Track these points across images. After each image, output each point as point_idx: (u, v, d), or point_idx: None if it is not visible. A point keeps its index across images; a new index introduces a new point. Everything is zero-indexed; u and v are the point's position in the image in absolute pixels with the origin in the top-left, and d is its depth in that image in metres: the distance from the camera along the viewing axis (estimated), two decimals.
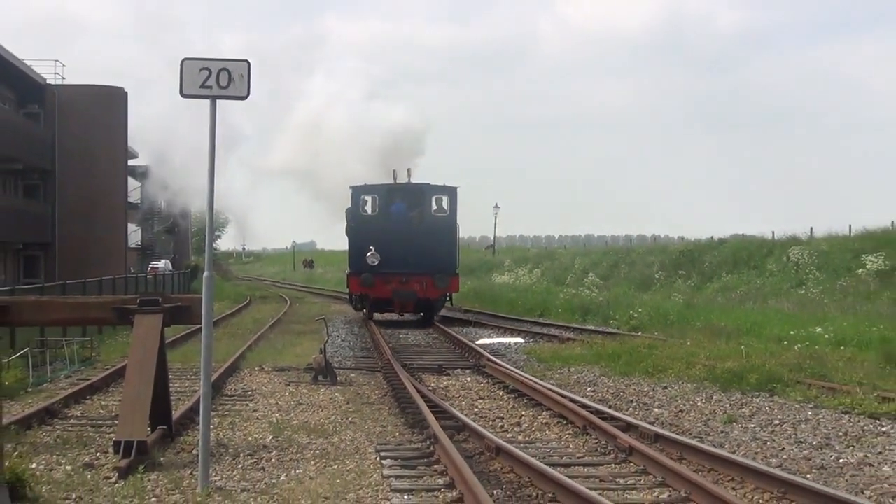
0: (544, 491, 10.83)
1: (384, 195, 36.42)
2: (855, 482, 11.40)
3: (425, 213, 36.02)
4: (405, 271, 34.51)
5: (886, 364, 20.28)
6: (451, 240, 36.54)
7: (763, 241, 52.87)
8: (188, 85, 11.06)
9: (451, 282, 35.26)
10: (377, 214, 36.40)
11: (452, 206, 36.59)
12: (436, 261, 34.78)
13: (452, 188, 36.72)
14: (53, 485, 10.96)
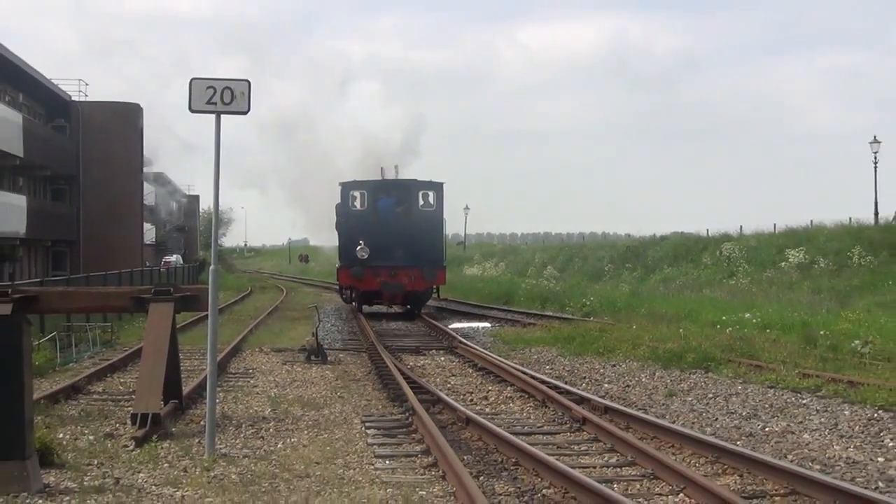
0: (508, 456, 10.84)
1: (373, 191, 33.61)
2: (779, 448, 11.46)
3: (413, 208, 33.18)
4: (394, 264, 31.70)
5: (806, 345, 20.38)
6: (438, 234, 33.76)
7: (699, 238, 53.10)
8: (196, 101, 11.03)
9: (438, 274, 32.61)
10: (366, 209, 33.30)
11: (439, 201, 33.71)
12: (423, 254, 32.13)
13: (439, 184, 33.88)
14: (78, 452, 10.93)
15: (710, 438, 11.41)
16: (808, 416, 13.46)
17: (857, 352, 19.13)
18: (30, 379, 9.55)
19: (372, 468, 10.33)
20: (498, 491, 9.43)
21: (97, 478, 9.77)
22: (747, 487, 9.49)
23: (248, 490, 9.28)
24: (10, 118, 46.21)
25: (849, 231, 44.06)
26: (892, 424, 12.72)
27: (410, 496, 9.05)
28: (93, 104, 58.64)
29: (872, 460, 10.75)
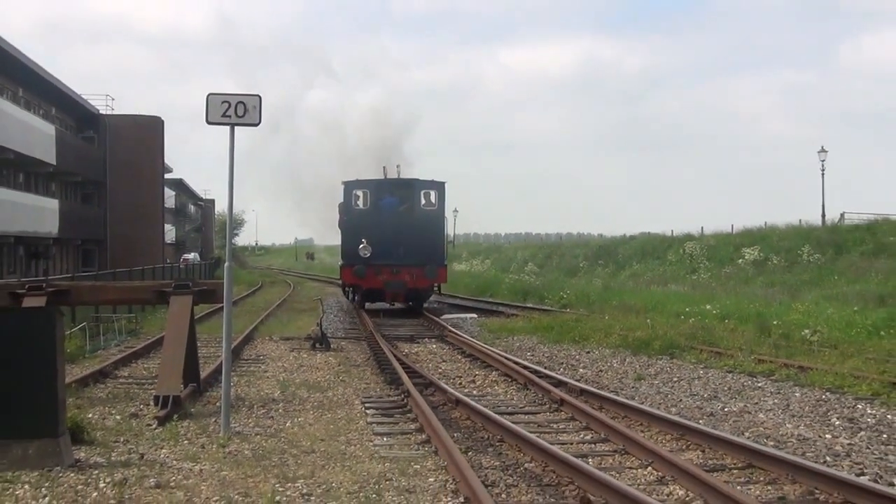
0: (494, 434, 10.84)
1: (375, 190, 30.66)
2: (737, 426, 11.48)
3: (415, 207, 30.26)
4: (396, 262, 28.96)
5: (760, 333, 20.44)
6: (440, 232, 30.91)
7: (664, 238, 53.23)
8: (212, 115, 11.01)
9: (439, 272, 29.68)
10: (368, 208, 30.48)
11: (441, 200, 30.72)
12: (425, 252, 29.23)
13: (440, 183, 30.82)
14: (106, 430, 10.90)
15: (675, 418, 11.43)
16: (763, 398, 13.50)
17: (806, 340, 19.20)
18: (62, 364, 9.52)
19: (371, 444, 10.32)
20: (485, 465, 9.43)
21: (123, 453, 9.75)
22: (709, 461, 9.51)
23: (259, 464, 9.28)
24: (45, 129, 46.18)
25: (799, 231, 44.22)
26: (838, 405, 12.77)
27: (406, 469, 9.04)
28: (119, 117, 58.75)
29: (821, 437, 10.79)
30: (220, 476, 8.77)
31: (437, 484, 8.50)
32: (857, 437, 10.71)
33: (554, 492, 8.36)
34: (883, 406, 12.58)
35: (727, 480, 8.56)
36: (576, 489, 8.27)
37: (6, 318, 9.98)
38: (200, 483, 8.51)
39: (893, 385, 13.67)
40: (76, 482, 8.49)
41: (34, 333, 9.19)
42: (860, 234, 40.57)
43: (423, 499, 7.97)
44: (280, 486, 8.37)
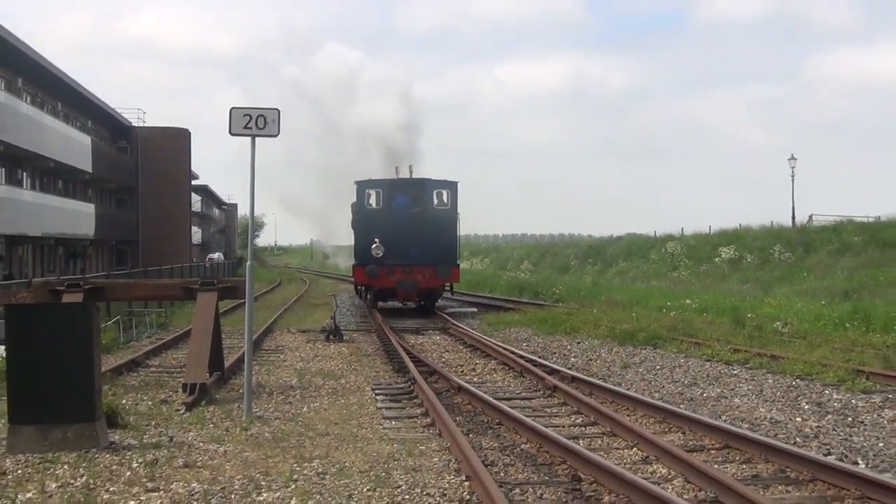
0: (493, 417, 10.84)
1: (388, 189, 28.07)
2: (715, 410, 11.48)
3: (427, 207, 27.63)
4: (408, 262, 26.55)
5: (735, 325, 20.45)
6: (452, 232, 27.82)
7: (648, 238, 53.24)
8: (235, 126, 11.01)
9: (452, 272, 27.18)
10: (381, 208, 27.95)
11: (453, 199, 27.93)
12: (438, 252, 26.73)
13: (453, 182, 28.21)
14: (138, 415, 10.91)
15: (658, 402, 11.42)
16: (739, 384, 13.49)
17: (778, 331, 19.21)
18: (98, 355, 9.54)
19: (381, 427, 10.33)
20: (484, 446, 9.43)
21: (154, 436, 9.76)
22: (689, 443, 9.51)
23: (279, 446, 9.28)
24: (82, 140, 46.27)
25: (771, 232, 44.21)
26: (807, 391, 12.76)
27: (413, 450, 9.04)
28: (149, 129, 58.89)
29: (791, 420, 10.79)
30: (243, 457, 8.78)
31: (441, 463, 8.51)
32: (824, 420, 10.71)
33: (548, 470, 8.36)
34: (848, 392, 12.57)
35: (706, 460, 8.56)
36: (567, 468, 8.27)
37: (47, 312, 9.99)
38: (225, 463, 8.52)
39: (857, 372, 13.66)
40: (111, 462, 8.51)
41: (73, 327, 9.21)
42: (827, 235, 40.54)
43: (429, 477, 7.97)
44: (297, 466, 8.38)
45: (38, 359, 8.98)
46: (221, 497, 7.32)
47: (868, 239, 37.41)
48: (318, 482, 7.81)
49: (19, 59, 37.77)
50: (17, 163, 38.76)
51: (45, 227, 39.60)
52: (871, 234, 38.18)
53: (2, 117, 33.78)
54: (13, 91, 38.14)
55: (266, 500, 7.24)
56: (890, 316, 19.52)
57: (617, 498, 7.30)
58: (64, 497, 7.31)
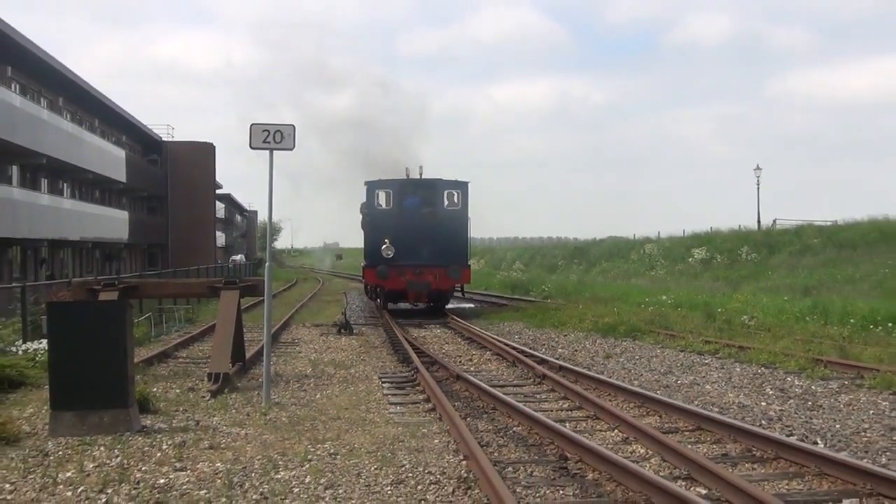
0: (488, 403, 10.83)
1: (398, 190, 25.35)
2: (688, 396, 11.48)
3: (438, 207, 25.11)
4: (419, 263, 24.16)
5: (707, 319, 20.45)
6: (463, 233, 25.27)
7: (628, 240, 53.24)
8: (254, 141, 11.02)
9: (463, 273, 24.64)
10: (391, 208, 25.26)
11: (464, 200, 25.31)
12: (449, 253, 24.36)
13: (464, 183, 25.46)
14: (168, 402, 10.90)
15: (637, 389, 11.42)
16: (709, 372, 13.49)
17: (745, 324, 19.20)
18: (131, 347, 9.54)
19: (387, 412, 10.32)
20: (480, 428, 9.43)
21: (182, 421, 9.76)
22: (665, 425, 9.50)
23: (294, 429, 9.27)
24: (117, 154, 46.28)
25: (738, 235, 44.20)
26: (771, 378, 12.76)
27: (416, 433, 9.04)
28: (178, 143, 58.95)
29: (757, 404, 10.78)
30: (262, 439, 8.78)
31: (442, 444, 8.50)
32: (786, 405, 10.71)
33: (537, 450, 8.36)
34: (808, 379, 12.57)
35: (680, 440, 8.55)
36: (555, 448, 8.26)
37: (85, 309, 9.99)
38: (246, 445, 8.51)
39: (816, 361, 13.65)
40: (143, 444, 8.50)
41: (108, 322, 9.21)
42: (789, 237, 40.56)
43: (430, 457, 7.97)
44: (311, 447, 8.37)
45: (77, 351, 8.99)
46: (243, 475, 7.32)
47: (826, 241, 37.42)
48: (330, 462, 7.81)
49: (61, 80, 37.81)
50: (58, 174, 38.77)
51: (83, 232, 39.59)
52: (829, 236, 38.20)
53: (45, 133, 33.78)
54: (55, 109, 38.15)
55: (283, 479, 7.23)
56: (846, 310, 19.52)
57: (600, 475, 7.29)
58: (100, 476, 7.30)
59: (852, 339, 16.30)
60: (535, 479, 7.30)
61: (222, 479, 7.20)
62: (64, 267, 39.28)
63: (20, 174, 34.60)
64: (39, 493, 6.85)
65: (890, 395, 11.09)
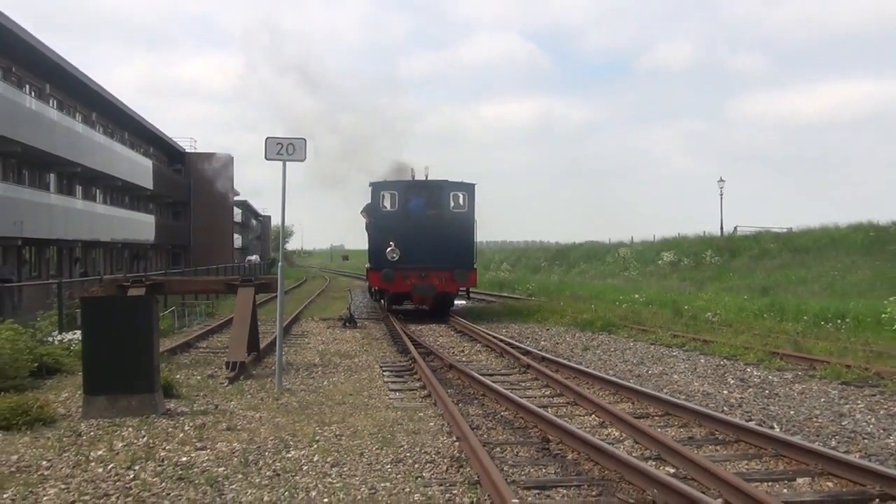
0: (478, 390, 10.82)
1: (404, 191, 22.63)
2: (658, 384, 11.48)
3: (444, 209, 22.34)
4: (424, 266, 21.57)
5: (675, 315, 20.50)
6: (469, 235, 22.40)
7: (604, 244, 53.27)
8: (269, 153, 11.04)
9: (469, 276, 22.07)
10: (397, 210, 22.43)
11: (470, 202, 22.48)
12: (455, 256, 21.76)
13: (470, 185, 22.63)
14: (190, 387, 10.88)
15: (612, 378, 11.43)
16: (677, 363, 13.51)
17: (709, 320, 19.25)
18: (157, 338, 9.51)
19: (387, 398, 10.30)
20: (471, 413, 9.42)
21: (202, 405, 9.73)
22: (637, 410, 9.51)
23: (304, 413, 9.26)
24: (144, 163, 46.17)
25: (703, 240, 44.27)
26: (732, 369, 12.79)
27: (413, 416, 9.03)
28: (199, 154, 58.88)
29: (719, 392, 10.80)
30: (275, 421, 8.76)
31: (436, 427, 8.49)
32: (746, 393, 10.73)
33: (522, 433, 8.35)
34: (765, 369, 12.60)
35: (650, 424, 8.56)
36: (539, 431, 8.26)
37: (116, 303, 9.98)
38: (260, 427, 8.49)
39: (773, 354, 13.69)
40: (167, 426, 8.48)
41: (136, 315, 9.18)
42: (748, 242, 40.63)
43: (426, 438, 7.96)
44: (319, 429, 8.35)
45: (108, 341, 8.96)
46: (257, 454, 7.30)
47: (782, 246, 37.51)
48: (336, 442, 7.79)
49: (94, 97, 37.71)
50: (92, 182, 38.66)
51: (114, 234, 39.48)
52: (785, 242, 38.28)
53: (80, 145, 33.70)
54: (89, 123, 38.05)
55: (294, 457, 7.21)
56: (799, 308, 19.58)
57: (579, 455, 7.29)
58: (129, 454, 7.28)
59: (805, 335, 16.35)
60: (521, 459, 7.30)
61: (239, 457, 7.18)
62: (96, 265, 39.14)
63: (57, 181, 34.49)
64: (73, 469, 6.83)
65: (839, 384, 11.12)
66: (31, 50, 28.73)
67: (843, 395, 10.44)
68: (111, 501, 5.93)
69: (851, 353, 13.58)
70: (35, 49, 28.78)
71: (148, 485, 6.34)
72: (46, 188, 32.75)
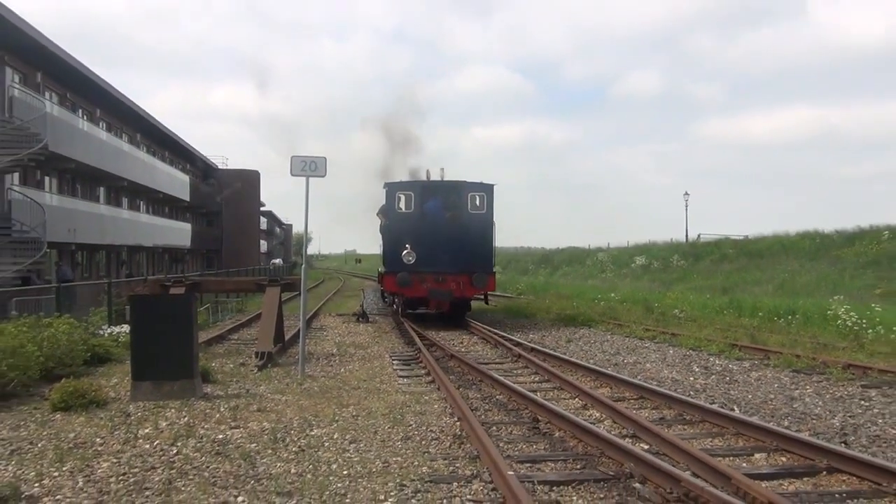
0: (475, 376, 10.83)
1: (420, 192, 19.11)
2: (633, 372, 11.50)
3: (462, 211, 18.82)
4: (441, 270, 18.37)
5: (646, 312, 20.51)
6: (488, 238, 18.86)
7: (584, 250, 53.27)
8: (294, 169, 11.06)
9: (488, 281, 18.55)
10: (413, 212, 18.97)
11: (489, 203, 18.90)
12: (473, 259, 18.51)
13: (489, 185, 19.05)
14: (224, 374, 10.88)
15: (593, 366, 11.44)
16: (649, 354, 13.53)
17: (676, 316, 19.27)
18: (196, 331, 9.51)
19: (396, 383, 10.30)
20: (470, 397, 9.42)
21: (235, 389, 9.74)
22: (615, 395, 9.52)
23: (324, 396, 9.26)
24: (182, 178, 46.17)
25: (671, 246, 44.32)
26: (697, 358, 12.81)
27: (420, 399, 9.04)
28: (230, 170, 58.87)
29: (686, 378, 10.82)
30: (299, 404, 8.76)
31: (440, 408, 8.50)
32: (709, 379, 10.75)
33: (515, 414, 8.36)
34: (726, 359, 12.63)
35: (627, 406, 8.58)
36: (529, 412, 8.27)
37: (160, 301, 9.98)
38: (286, 408, 8.50)
39: (733, 345, 13.72)
40: (205, 407, 8.48)
41: (177, 311, 9.20)
42: (710, 248, 40.68)
43: (431, 418, 7.97)
44: (338, 410, 8.36)
45: (153, 334, 8.97)
46: (284, 432, 7.31)
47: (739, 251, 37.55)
48: (353, 422, 7.80)
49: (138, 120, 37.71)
50: (136, 194, 38.64)
51: (156, 240, 39.45)
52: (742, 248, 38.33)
53: (126, 162, 33.71)
54: (134, 143, 38.05)
55: (316, 435, 7.22)
56: (755, 306, 19.61)
57: (565, 433, 7.31)
58: (172, 432, 7.29)
59: (760, 329, 16.39)
60: (514, 436, 7.31)
61: (268, 434, 7.19)
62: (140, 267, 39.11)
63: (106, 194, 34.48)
64: (123, 445, 6.84)
65: (790, 372, 11.15)
66: (84, 79, 28.82)
67: (794, 381, 10.47)
68: (157, 473, 5.94)
69: (801, 345, 13.62)
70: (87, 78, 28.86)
71: (189, 459, 6.35)
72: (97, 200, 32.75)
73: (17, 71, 24.53)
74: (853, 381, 10.29)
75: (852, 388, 9.81)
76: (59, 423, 7.78)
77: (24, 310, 13.39)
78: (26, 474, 5.93)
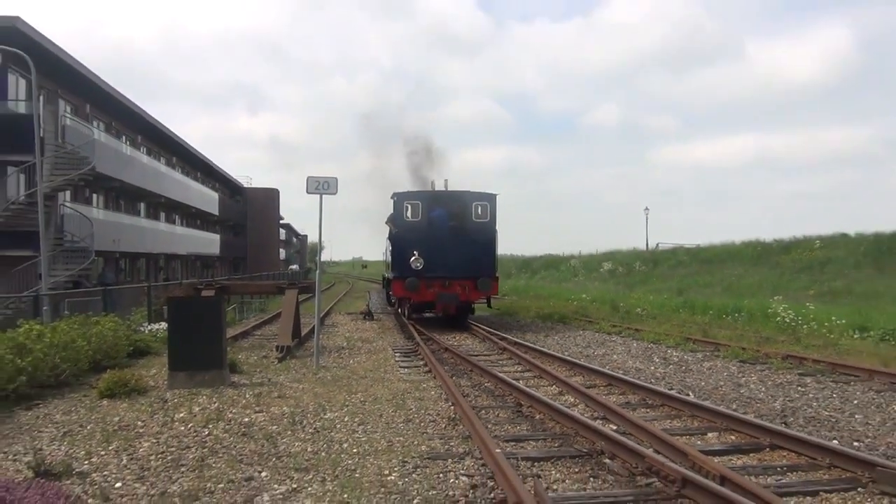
0: (467, 367, 10.78)
1: (427, 202, 17.75)
2: (602, 363, 11.49)
3: (467, 219, 17.50)
4: (448, 275, 17.08)
5: (613, 310, 20.53)
6: (491, 245, 17.54)
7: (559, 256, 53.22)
8: (309, 188, 10.98)
9: (492, 285, 17.30)
10: (420, 220, 17.52)
11: (492, 212, 17.58)
12: (477, 265, 17.24)
13: (492, 195, 17.72)
14: (249, 365, 10.82)
15: (567, 357, 11.41)
16: (615, 347, 13.53)
17: (638, 314, 19.29)
18: (224, 328, 9.48)
19: (398, 373, 10.27)
20: (462, 384, 9.38)
21: (259, 378, 9.68)
22: (587, 382, 9.50)
23: (336, 384, 9.22)
24: (212, 195, 46.00)
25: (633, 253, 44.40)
26: (657, 350, 12.82)
27: (419, 386, 9.01)
28: (254, 188, 58.81)
29: (647, 368, 10.83)
30: (314, 391, 8.72)
31: (436, 394, 8.48)
32: (668, 369, 10.77)
33: (501, 400, 8.33)
34: (682, 351, 12.65)
35: (597, 392, 8.58)
36: (513, 398, 8.26)
37: (193, 302, 9.94)
38: (303, 395, 8.46)
39: (687, 339, 13.75)
40: (233, 394, 8.43)
41: (209, 310, 9.16)
42: (667, 255, 40.79)
43: (429, 404, 7.95)
44: (348, 396, 8.33)
45: (187, 330, 8.93)
46: (302, 416, 7.27)
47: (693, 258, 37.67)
48: (361, 406, 7.77)
49: (174, 145, 37.66)
50: (172, 209, 38.49)
51: (189, 249, 39.27)
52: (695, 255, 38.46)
53: (163, 181, 33.63)
54: (170, 165, 37.95)
55: (330, 418, 7.19)
56: (706, 305, 19.67)
57: (544, 416, 7.29)
58: (204, 416, 7.24)
59: (711, 325, 16.43)
60: (501, 419, 7.29)
61: (288, 418, 7.15)
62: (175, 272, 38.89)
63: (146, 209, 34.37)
64: (162, 427, 6.79)
65: (738, 362, 11.18)
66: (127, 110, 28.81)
67: (741, 370, 10.50)
68: (191, 452, 5.90)
69: (746, 339, 13.66)
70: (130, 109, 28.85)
71: (219, 439, 6.31)
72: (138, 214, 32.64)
73: (69, 103, 24.57)
74: (791, 370, 10.33)
75: (791, 376, 9.85)
76: (105, 408, 7.73)
77: (74, 310, 13.31)
78: (77, 453, 5.88)
